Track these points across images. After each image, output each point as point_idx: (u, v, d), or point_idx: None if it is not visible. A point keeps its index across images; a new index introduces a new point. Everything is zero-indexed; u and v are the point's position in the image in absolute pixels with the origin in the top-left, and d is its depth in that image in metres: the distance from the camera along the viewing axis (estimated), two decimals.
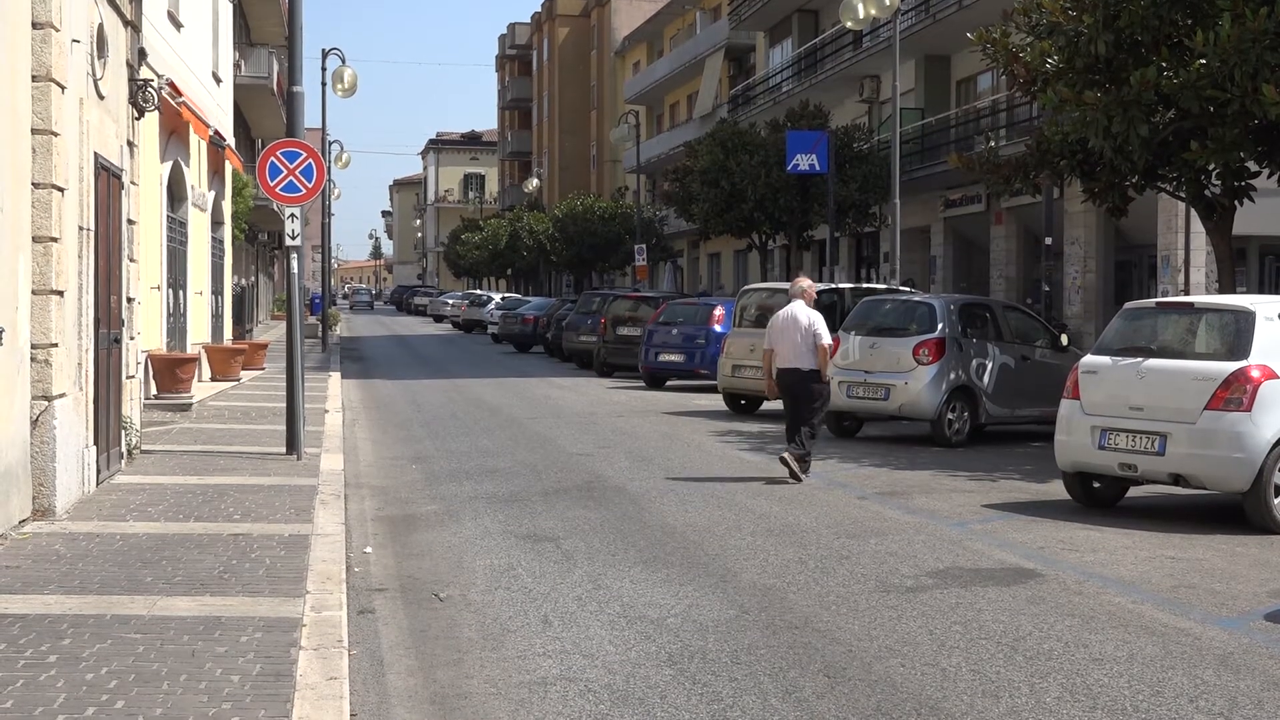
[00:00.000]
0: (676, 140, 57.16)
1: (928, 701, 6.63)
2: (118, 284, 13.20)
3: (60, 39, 10.56)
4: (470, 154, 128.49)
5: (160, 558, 9.14)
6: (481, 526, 11.65)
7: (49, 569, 8.73)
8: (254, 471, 13.68)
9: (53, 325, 10.47)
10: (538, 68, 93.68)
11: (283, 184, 15.39)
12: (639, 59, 74.10)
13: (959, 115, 35.69)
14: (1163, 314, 13.09)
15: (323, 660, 6.76)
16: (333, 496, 12.23)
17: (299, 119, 16.33)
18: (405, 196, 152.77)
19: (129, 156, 13.93)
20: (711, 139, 39.04)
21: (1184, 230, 25.41)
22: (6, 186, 9.42)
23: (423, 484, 14.27)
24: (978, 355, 18.48)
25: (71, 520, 10.51)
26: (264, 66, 38.19)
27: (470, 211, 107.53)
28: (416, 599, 8.93)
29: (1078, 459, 12.61)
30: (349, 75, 32.75)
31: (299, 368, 15.49)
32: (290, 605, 7.85)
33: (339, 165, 52.72)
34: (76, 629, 7.20)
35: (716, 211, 37.93)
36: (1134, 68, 16.02)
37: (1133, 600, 8.83)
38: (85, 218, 11.61)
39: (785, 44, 48.55)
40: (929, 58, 36.94)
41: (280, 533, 10.23)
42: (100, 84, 12.42)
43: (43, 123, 10.33)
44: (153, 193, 19.00)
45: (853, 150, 35.81)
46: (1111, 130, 16.18)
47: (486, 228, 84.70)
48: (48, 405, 10.43)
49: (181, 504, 11.51)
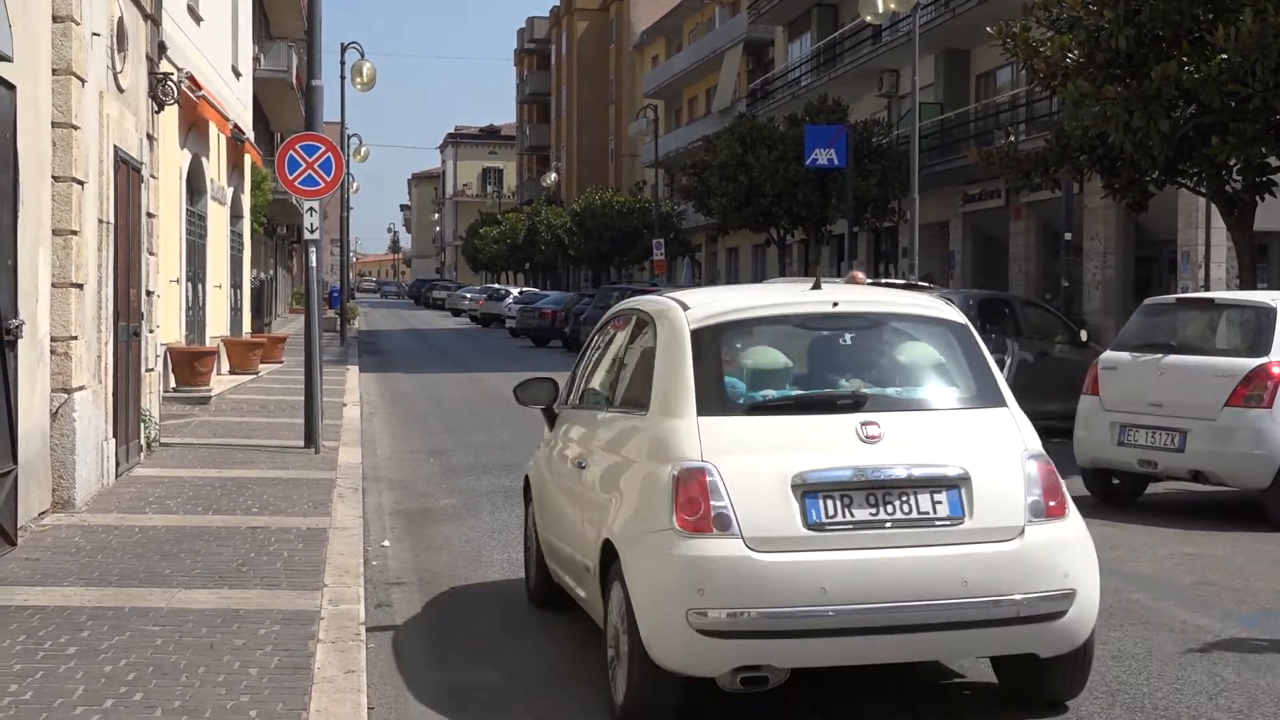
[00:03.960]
0: (695, 135, 57.11)
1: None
2: (137, 277, 13.23)
3: (80, 32, 10.58)
4: (489, 148, 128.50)
5: (179, 550, 9.16)
6: (499, 520, 11.65)
7: (68, 561, 8.76)
8: (272, 465, 13.70)
9: (72, 318, 10.50)
10: (556, 62, 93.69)
11: (301, 178, 15.41)
12: (657, 53, 74.03)
13: (978, 110, 35.59)
14: (1183, 310, 13.04)
15: (340, 653, 6.77)
16: (351, 490, 12.24)
17: (318, 113, 16.34)
18: (423, 190, 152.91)
19: (149, 150, 13.96)
20: (730, 133, 39.01)
21: (1204, 226, 25.29)
22: (27, 179, 9.44)
23: (441, 478, 14.29)
24: (996, 351, 18.39)
25: (90, 513, 10.54)
26: (283, 60, 38.24)
27: (488, 205, 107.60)
28: (434, 592, 8.94)
29: (1097, 455, 12.57)
30: (368, 69, 32.78)
31: (317, 361, 15.51)
32: (308, 598, 7.86)
33: (358, 159, 52.83)
34: (95, 621, 7.22)
35: (735, 206, 37.91)
36: (1155, 62, 15.96)
37: (1152, 597, 8.79)
38: (105, 211, 11.64)
39: (804, 38, 48.47)
40: (948, 52, 36.82)
41: (298, 526, 10.25)
42: (120, 77, 12.44)
43: (63, 116, 10.35)
44: (172, 186, 19.04)
45: (871, 145, 35.74)
46: (1132, 125, 16.13)
47: (505, 222, 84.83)
48: (67, 398, 10.46)
49: (200, 497, 11.54)
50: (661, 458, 6.13)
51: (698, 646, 5.79)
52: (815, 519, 5.86)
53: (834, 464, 5.98)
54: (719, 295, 7.30)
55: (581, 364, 8.18)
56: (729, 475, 5.92)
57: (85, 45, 10.76)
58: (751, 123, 39.48)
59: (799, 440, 6.07)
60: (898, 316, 6.91)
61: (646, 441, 6.36)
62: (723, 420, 6.18)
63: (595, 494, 6.83)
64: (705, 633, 5.74)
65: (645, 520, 6.07)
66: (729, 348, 6.55)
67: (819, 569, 5.78)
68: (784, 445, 6.04)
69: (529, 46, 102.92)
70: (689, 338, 6.46)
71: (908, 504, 5.95)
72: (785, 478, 5.90)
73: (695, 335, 6.45)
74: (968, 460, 6.06)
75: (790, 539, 5.83)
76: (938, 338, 6.80)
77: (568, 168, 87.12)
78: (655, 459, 6.18)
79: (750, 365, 6.54)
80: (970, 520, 5.96)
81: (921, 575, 5.84)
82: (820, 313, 6.70)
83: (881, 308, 6.93)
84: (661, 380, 6.45)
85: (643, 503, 6.16)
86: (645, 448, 6.35)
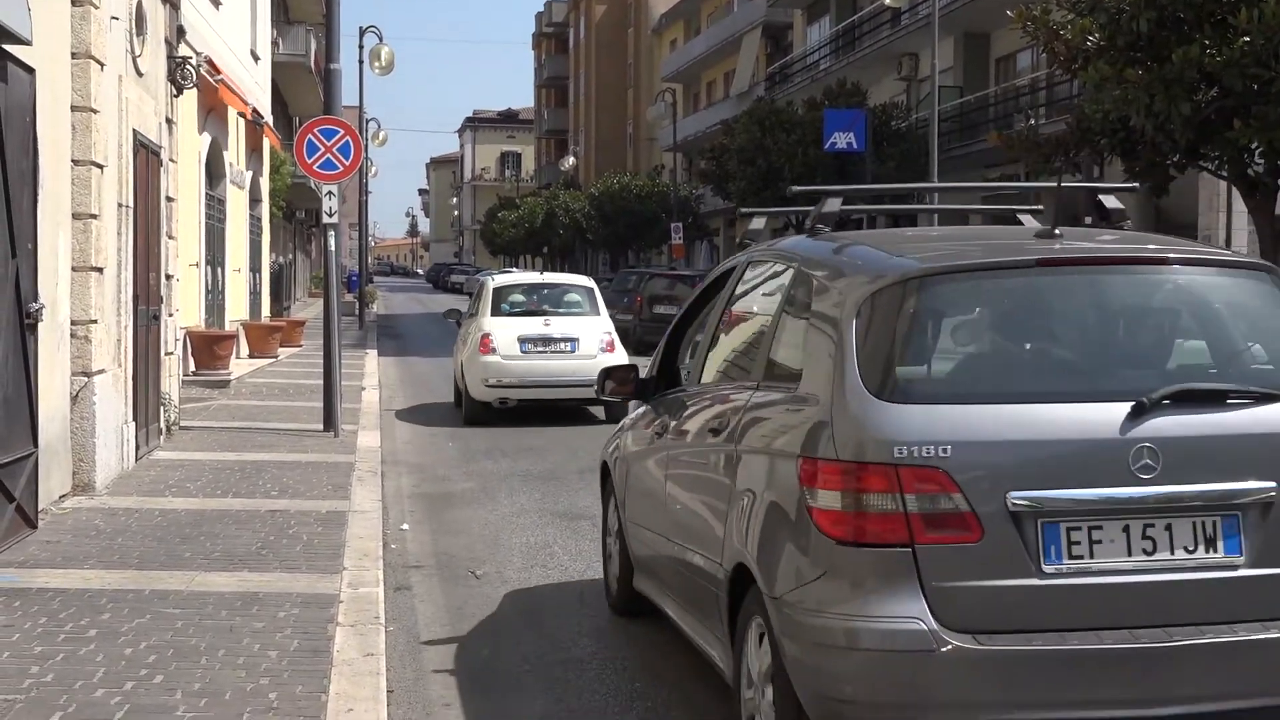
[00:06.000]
0: (713, 118, 56.97)
1: None
2: (157, 261, 13.25)
3: (99, 16, 10.58)
4: (507, 132, 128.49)
5: (198, 533, 9.19)
6: (517, 504, 11.66)
7: (88, 544, 8.79)
8: (291, 448, 13.73)
9: (92, 302, 10.52)
10: (574, 45, 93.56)
11: (320, 161, 15.41)
12: (676, 37, 73.86)
13: (998, 93, 35.44)
14: None
15: (360, 636, 6.78)
16: (369, 473, 12.26)
17: (336, 97, 16.34)
18: (442, 174, 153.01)
19: (168, 134, 13.97)
20: (748, 117, 38.91)
21: (1225, 210, 25.16)
22: (47, 163, 9.46)
23: (459, 461, 14.30)
24: None
25: (111, 495, 10.57)
26: (302, 44, 38.24)
27: (507, 189, 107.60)
28: (453, 576, 8.95)
29: None
30: (386, 53, 32.77)
31: (336, 345, 15.52)
32: (327, 582, 7.88)
33: (376, 143, 52.82)
34: (116, 603, 7.25)
35: (753, 190, 37.81)
36: (1176, 45, 15.84)
37: None
38: (124, 195, 11.65)
39: (823, 21, 48.31)
40: (968, 35, 36.66)
41: (317, 509, 10.27)
42: (139, 61, 12.45)
43: (82, 100, 10.35)
44: (191, 170, 19.07)
45: (890, 129, 35.63)
46: (1153, 108, 16.02)
47: (523, 206, 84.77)
48: (87, 381, 10.49)
49: (219, 480, 11.57)
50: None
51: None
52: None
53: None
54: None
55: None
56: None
57: (104, 29, 10.76)
58: (770, 106, 39.37)
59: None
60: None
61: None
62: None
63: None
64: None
65: None
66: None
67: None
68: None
69: (547, 30, 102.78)
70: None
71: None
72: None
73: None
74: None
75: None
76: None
77: (586, 152, 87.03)
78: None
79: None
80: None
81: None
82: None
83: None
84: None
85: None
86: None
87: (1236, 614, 4.55)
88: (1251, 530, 4.60)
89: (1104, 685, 4.44)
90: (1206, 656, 4.47)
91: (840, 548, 4.55)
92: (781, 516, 4.89)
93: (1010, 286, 5.05)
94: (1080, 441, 4.57)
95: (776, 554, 4.87)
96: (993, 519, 4.48)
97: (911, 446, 4.49)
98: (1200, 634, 4.49)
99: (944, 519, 4.49)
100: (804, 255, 5.63)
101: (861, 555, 4.51)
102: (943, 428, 4.54)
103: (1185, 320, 5.17)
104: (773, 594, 4.82)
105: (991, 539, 4.47)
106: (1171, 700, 4.49)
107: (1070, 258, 5.13)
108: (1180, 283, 5.18)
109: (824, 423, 4.72)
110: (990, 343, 5.05)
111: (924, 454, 4.49)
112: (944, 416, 4.58)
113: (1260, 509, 4.60)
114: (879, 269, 5.06)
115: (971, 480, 4.49)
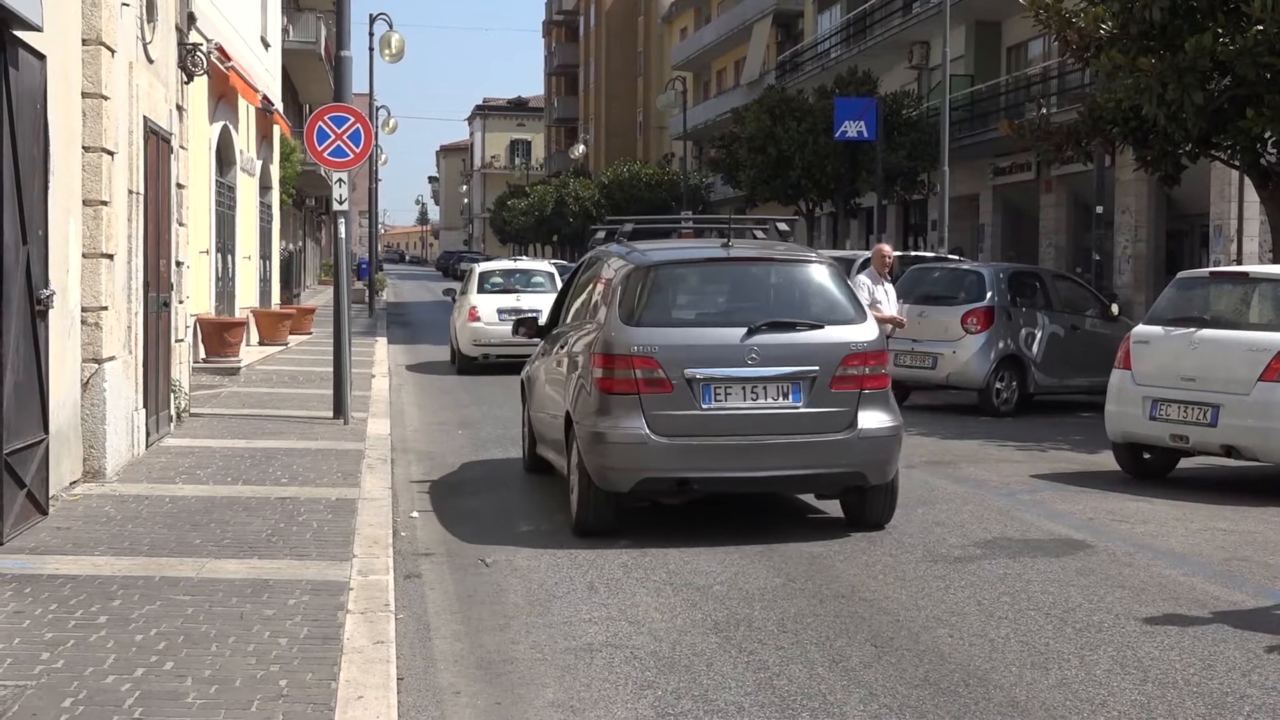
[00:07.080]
0: (723, 107, 56.93)
1: (976, 672, 6.59)
2: (167, 248, 13.25)
3: (110, 2, 10.57)
4: (517, 120, 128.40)
5: (209, 520, 9.20)
6: (528, 493, 11.65)
7: (99, 530, 8.80)
8: (301, 435, 13.74)
9: (102, 288, 10.52)
10: (584, 33, 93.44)
11: (330, 149, 15.41)
12: (686, 25, 73.75)
13: (1010, 82, 35.34)
14: (1216, 284, 12.93)
15: (370, 624, 6.78)
16: (379, 461, 12.26)
17: (347, 84, 16.33)
18: (451, 162, 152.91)
19: (178, 120, 13.97)
20: (759, 105, 38.85)
21: (1237, 199, 25.08)
22: (57, 150, 9.45)
23: (469, 449, 14.30)
24: (1027, 324, 18.33)
25: (121, 482, 10.58)
26: (312, 31, 38.22)
27: (516, 177, 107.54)
28: (463, 564, 8.95)
29: (1128, 429, 12.50)
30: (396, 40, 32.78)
31: (346, 332, 15.53)
32: (337, 569, 7.88)
33: (386, 130, 52.83)
34: (126, 590, 7.25)
35: (763, 178, 37.80)
36: (1189, 34, 15.80)
37: (1184, 572, 8.74)
38: (135, 181, 11.65)
39: (834, 10, 48.20)
40: (979, 23, 36.58)
41: (327, 496, 10.27)
42: (150, 48, 12.44)
43: (93, 86, 10.35)
44: (201, 157, 19.07)
45: (901, 117, 35.54)
46: (1166, 97, 15.98)
47: (533, 194, 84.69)
48: (97, 368, 10.50)
49: (229, 467, 11.58)
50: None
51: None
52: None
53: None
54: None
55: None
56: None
57: (115, 15, 10.75)
58: (780, 95, 39.30)
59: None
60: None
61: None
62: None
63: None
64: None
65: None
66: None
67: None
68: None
69: (557, 18, 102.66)
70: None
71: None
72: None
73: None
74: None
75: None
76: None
77: (596, 140, 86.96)
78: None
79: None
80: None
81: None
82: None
83: None
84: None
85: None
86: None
87: (797, 430, 9.41)
88: (805, 390, 9.44)
89: (730, 460, 9.39)
90: (781, 448, 9.39)
91: (605, 395, 9.38)
92: (583, 384, 9.70)
93: (696, 270, 10.23)
94: (722, 345, 9.40)
95: (579, 401, 9.72)
96: (678, 382, 9.26)
97: (639, 346, 9.30)
98: (778, 439, 9.40)
99: (654, 382, 9.28)
100: (608, 251, 10.66)
101: (615, 399, 9.34)
102: (656, 337, 9.36)
103: (778, 288, 10.11)
104: (576, 421, 9.63)
105: (678, 392, 9.28)
106: (763, 469, 9.45)
107: (724, 257, 10.19)
108: (777, 269, 10.26)
109: (601, 337, 9.51)
110: (684, 298, 9.96)
111: (644, 350, 9.28)
112: (657, 332, 9.39)
113: (809, 380, 9.43)
114: (635, 260, 9.91)
115: (668, 362, 9.27)
